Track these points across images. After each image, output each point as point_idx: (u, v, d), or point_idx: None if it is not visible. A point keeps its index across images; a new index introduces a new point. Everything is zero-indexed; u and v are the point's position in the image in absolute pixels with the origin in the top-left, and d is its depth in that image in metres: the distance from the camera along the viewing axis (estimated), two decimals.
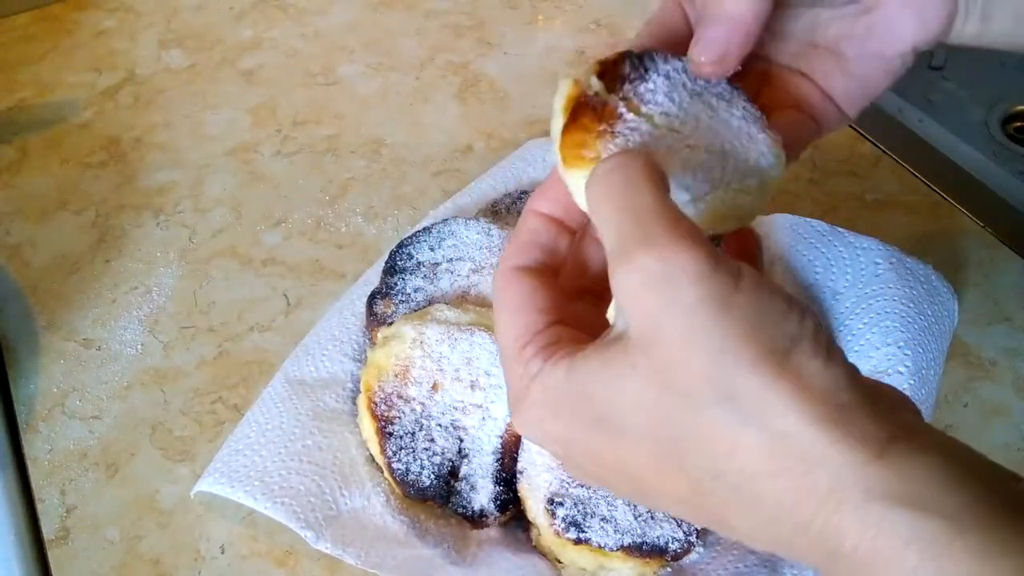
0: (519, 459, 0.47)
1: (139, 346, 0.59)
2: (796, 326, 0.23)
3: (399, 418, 0.48)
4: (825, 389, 0.23)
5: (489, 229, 0.56)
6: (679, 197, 0.30)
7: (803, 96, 0.37)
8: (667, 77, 0.33)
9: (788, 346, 0.23)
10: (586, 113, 0.30)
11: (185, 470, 0.52)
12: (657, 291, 0.23)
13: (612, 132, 0.30)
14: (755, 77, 0.37)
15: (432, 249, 0.56)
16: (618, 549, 0.44)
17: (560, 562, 0.46)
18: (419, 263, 0.55)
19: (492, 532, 0.48)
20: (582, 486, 0.45)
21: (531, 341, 0.28)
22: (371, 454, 0.49)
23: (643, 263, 0.24)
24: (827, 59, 0.37)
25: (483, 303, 0.53)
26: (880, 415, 0.23)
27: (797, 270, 0.56)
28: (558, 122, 0.30)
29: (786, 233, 0.58)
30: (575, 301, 0.32)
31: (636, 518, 0.44)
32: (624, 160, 0.27)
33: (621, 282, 0.24)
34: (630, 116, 0.30)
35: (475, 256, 0.55)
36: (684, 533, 0.44)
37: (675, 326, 0.23)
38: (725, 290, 0.23)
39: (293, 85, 0.80)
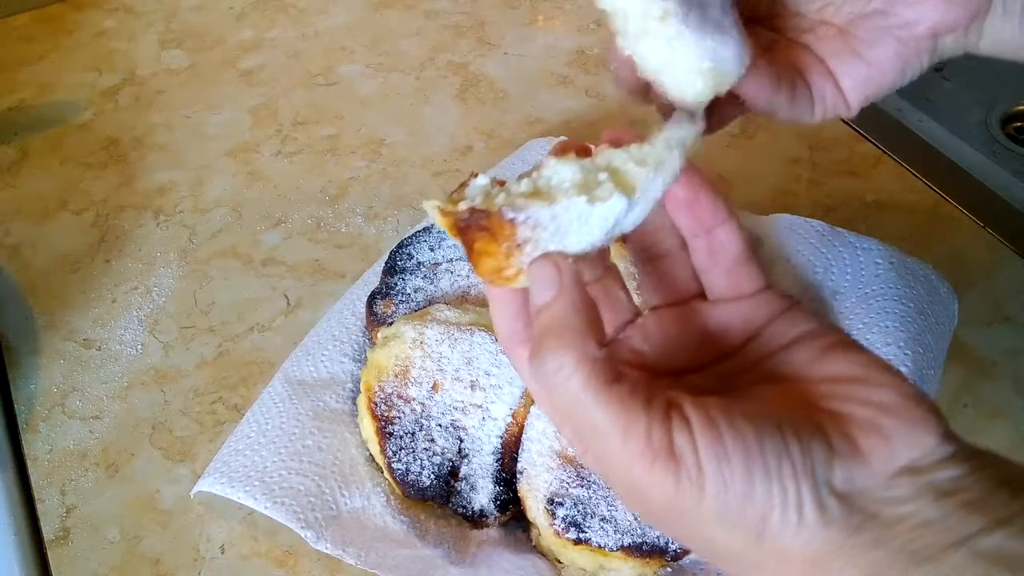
0: (519, 459, 0.47)
1: (139, 346, 0.59)
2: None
3: (399, 418, 0.48)
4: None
5: None
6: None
7: (806, 66, 0.36)
8: None
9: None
10: (476, 236, 0.28)
11: (185, 470, 0.52)
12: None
13: (518, 245, 0.28)
14: (760, 44, 0.36)
15: (432, 249, 0.56)
16: (618, 549, 0.44)
17: (560, 562, 0.46)
18: (419, 263, 0.55)
19: (492, 532, 0.48)
20: (582, 486, 0.45)
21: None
22: (371, 454, 0.49)
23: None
24: (837, 38, 0.36)
25: (483, 303, 0.53)
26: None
27: (797, 270, 0.56)
28: (457, 243, 0.29)
29: (786, 233, 0.58)
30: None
31: (636, 518, 0.44)
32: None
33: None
34: (521, 216, 0.28)
35: None
36: None
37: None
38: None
39: (293, 85, 0.80)
